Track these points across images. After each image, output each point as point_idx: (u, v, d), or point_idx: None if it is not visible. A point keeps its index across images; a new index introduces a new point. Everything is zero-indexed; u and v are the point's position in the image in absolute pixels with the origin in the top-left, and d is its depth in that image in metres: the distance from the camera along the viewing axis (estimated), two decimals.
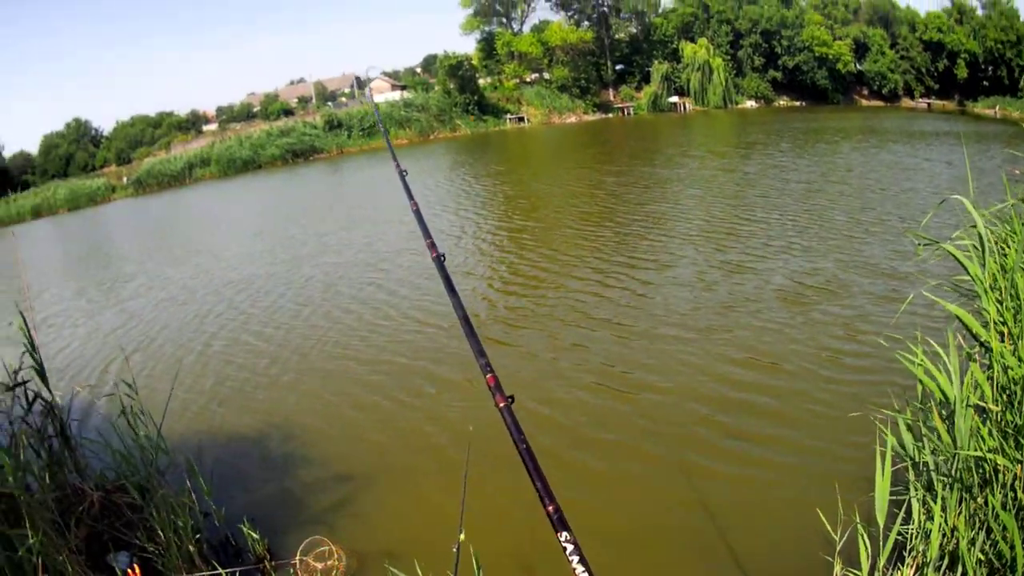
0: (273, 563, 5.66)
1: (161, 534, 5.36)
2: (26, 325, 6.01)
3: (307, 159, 51.61)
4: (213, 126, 69.17)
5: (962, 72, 64.90)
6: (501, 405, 2.17)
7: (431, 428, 7.92)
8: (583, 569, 1.75)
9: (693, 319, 10.44)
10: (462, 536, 4.23)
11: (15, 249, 28.25)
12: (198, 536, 5.62)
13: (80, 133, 68.12)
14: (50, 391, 6.07)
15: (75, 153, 65.39)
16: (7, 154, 64.10)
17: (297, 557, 5.54)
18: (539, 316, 11.38)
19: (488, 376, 2.30)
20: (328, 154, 52.81)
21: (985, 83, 65.19)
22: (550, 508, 1.89)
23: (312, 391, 9.41)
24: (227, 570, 5.21)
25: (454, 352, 9.95)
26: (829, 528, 4.37)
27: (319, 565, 5.46)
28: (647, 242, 15.86)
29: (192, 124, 69.19)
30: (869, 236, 14.58)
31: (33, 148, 66.63)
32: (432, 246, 3.18)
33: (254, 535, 5.79)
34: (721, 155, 32.09)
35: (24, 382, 5.94)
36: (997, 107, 57.00)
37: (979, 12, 67.42)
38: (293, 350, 11.12)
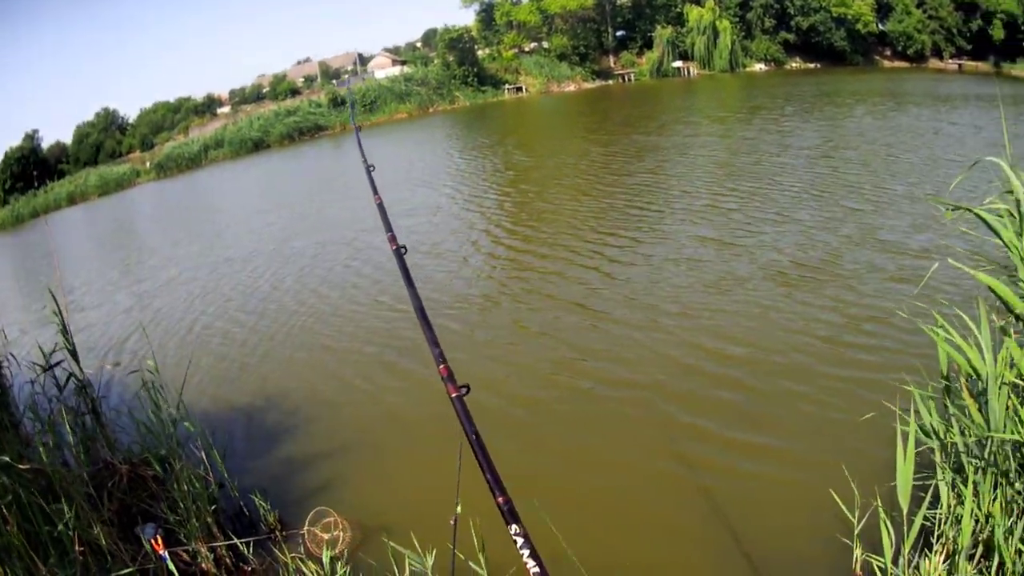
0: (284, 533, 5.71)
1: (181, 505, 5.40)
2: (59, 308, 6.11)
3: (312, 136, 51.86)
4: (226, 108, 69.78)
5: (998, 33, 60.64)
6: (453, 395, 2.12)
7: (430, 400, 7.73)
8: (534, 563, 1.78)
9: (688, 295, 10.01)
10: (459, 509, 4.16)
11: (49, 237, 29.42)
12: (215, 507, 5.70)
13: (108, 122, 69.33)
14: (81, 371, 6.19)
15: (104, 141, 66.63)
16: (45, 145, 65.29)
17: (305, 528, 5.62)
18: (511, 296, 11.06)
19: (441, 367, 2.21)
20: (332, 130, 53.03)
21: None
22: (500, 500, 1.92)
23: (317, 364, 9.45)
24: (242, 540, 5.32)
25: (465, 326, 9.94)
26: (846, 511, 4.13)
27: (325, 536, 5.50)
28: (627, 217, 15.06)
29: (207, 107, 69.81)
30: (881, 208, 13.52)
31: (68, 138, 67.77)
32: (392, 239, 3.20)
33: (265, 506, 5.87)
34: (720, 120, 30.52)
35: (58, 363, 6.10)
36: None
37: None
38: (298, 326, 11.19)
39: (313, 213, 21.34)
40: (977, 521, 3.63)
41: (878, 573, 3.84)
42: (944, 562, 3.63)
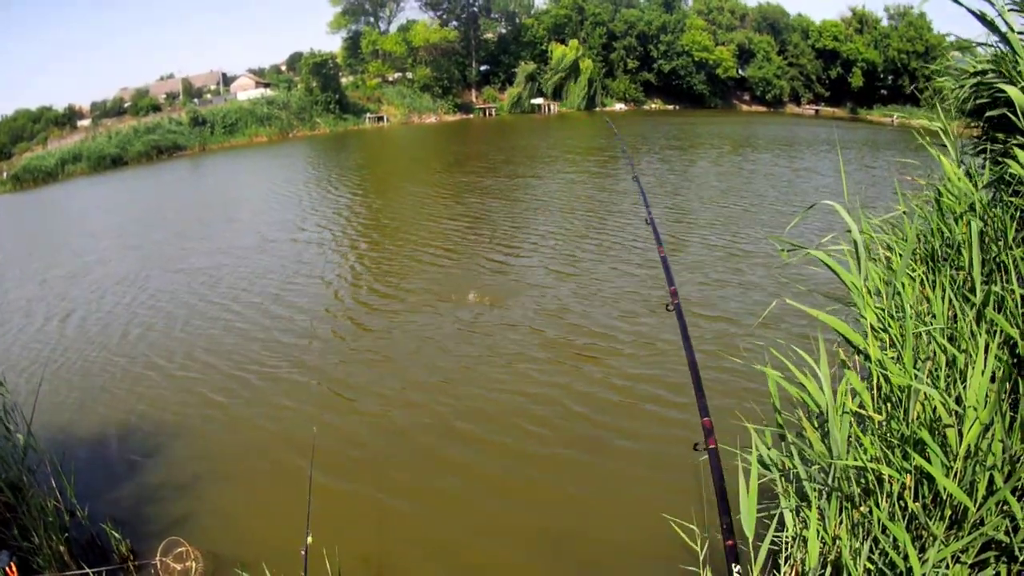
0: (136, 563, 5.35)
1: (34, 533, 5.00)
2: None
3: (171, 155, 49.35)
4: (87, 121, 65.39)
5: (857, 80, 63.88)
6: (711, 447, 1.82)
7: (284, 429, 7.65)
8: None
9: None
10: (310, 539, 3.92)
11: None
12: (67, 535, 5.29)
13: None
14: None
15: None
16: None
17: (157, 558, 5.25)
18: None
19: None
20: (191, 151, 50.65)
21: (883, 92, 64.15)
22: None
23: (165, 391, 8.96)
24: (94, 569, 4.91)
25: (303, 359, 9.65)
26: (689, 541, 4.07)
27: (177, 566, 5.20)
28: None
29: (68, 119, 65.03)
30: (721, 253, 13.65)
31: None
32: (674, 294, 2.74)
33: (116, 535, 5.46)
34: (557, 159, 30.56)
35: None
36: (895, 116, 54.71)
37: (884, 23, 66.13)
38: (149, 346, 10.65)
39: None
40: (824, 543, 3.61)
41: None
42: None
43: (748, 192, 19.01)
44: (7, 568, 4.26)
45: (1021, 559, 3.01)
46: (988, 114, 5.58)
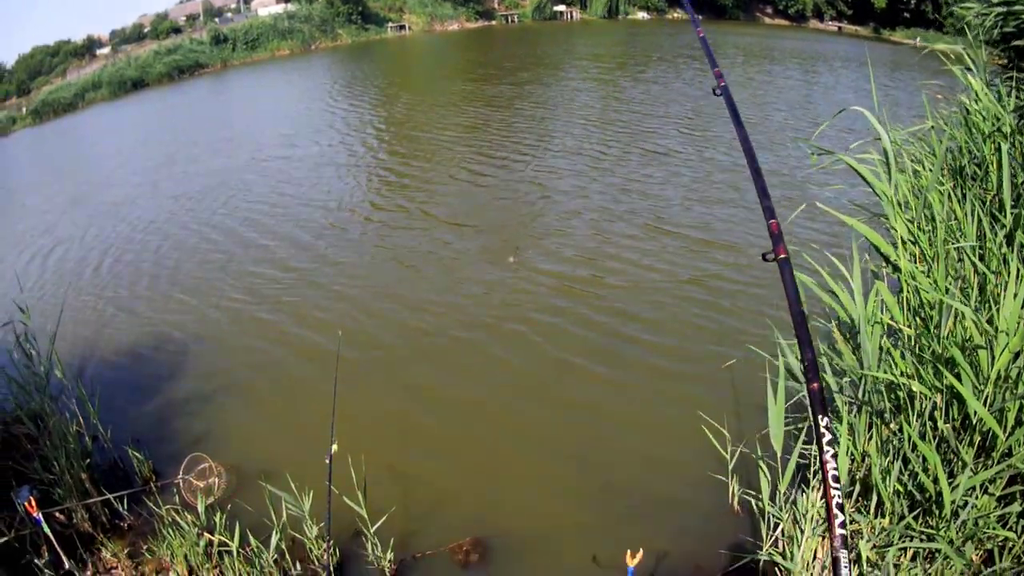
0: (158, 484, 5.13)
1: (55, 463, 4.79)
2: None
3: (192, 74, 47.45)
4: (107, 50, 63.95)
5: (880, 2, 61.68)
6: (782, 256, 1.84)
7: (305, 338, 7.32)
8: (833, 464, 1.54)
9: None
10: (334, 447, 3.77)
11: None
12: (88, 461, 5.06)
13: None
14: None
15: None
16: None
17: (180, 476, 5.07)
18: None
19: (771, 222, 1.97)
20: (213, 68, 48.87)
21: (906, 15, 61.67)
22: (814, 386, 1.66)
23: (191, 307, 8.54)
24: (116, 494, 4.76)
25: (325, 259, 9.30)
26: (720, 448, 3.91)
27: (200, 483, 4.99)
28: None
29: (87, 49, 62.09)
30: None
31: None
32: (719, 75, 2.55)
33: (139, 456, 5.25)
34: (597, 60, 28.80)
35: None
36: (918, 39, 49.68)
37: None
38: (170, 265, 10.10)
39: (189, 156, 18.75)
40: (853, 460, 3.45)
41: (755, 509, 3.63)
42: (821, 499, 3.43)
43: (767, 105, 17.97)
44: (26, 504, 4.09)
45: None
46: (1015, 43, 5.36)
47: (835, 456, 1.55)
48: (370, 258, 9.31)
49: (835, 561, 1.44)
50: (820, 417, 1.58)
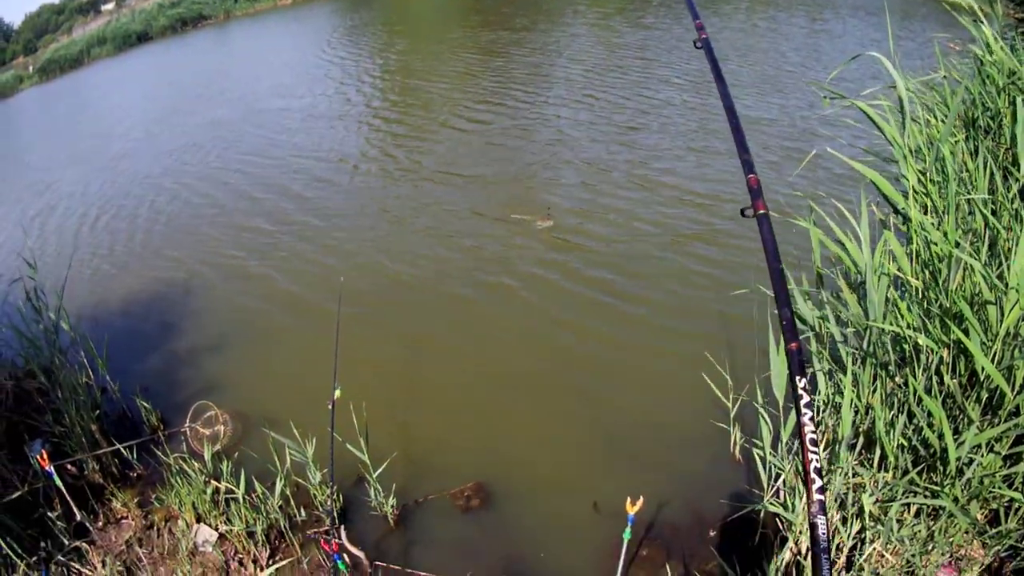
0: (166, 433, 5.17)
1: (66, 416, 4.83)
2: None
3: (195, 26, 46.59)
4: (111, 5, 64.09)
5: None
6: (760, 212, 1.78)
7: (307, 286, 7.30)
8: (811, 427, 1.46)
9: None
10: (337, 393, 3.77)
11: None
12: (98, 413, 5.10)
13: None
14: None
15: None
16: None
17: (186, 425, 5.14)
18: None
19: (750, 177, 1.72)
20: (216, 19, 47.75)
21: None
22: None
23: (186, 260, 8.52)
24: (125, 444, 4.82)
25: (329, 209, 9.24)
26: (721, 396, 3.87)
27: (207, 431, 5.05)
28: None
29: (92, 5, 61.36)
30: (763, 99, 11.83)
31: None
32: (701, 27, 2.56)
33: (146, 406, 5.31)
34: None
35: None
36: None
37: None
38: (171, 217, 10.13)
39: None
40: (857, 412, 3.40)
41: (756, 459, 3.60)
42: (824, 451, 3.40)
43: (772, 52, 17.20)
44: (39, 457, 4.13)
45: None
46: None
47: (813, 419, 1.47)
48: (365, 209, 9.20)
49: (812, 527, 1.37)
50: (798, 379, 1.50)
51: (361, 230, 8.50)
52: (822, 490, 1.41)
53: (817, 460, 1.42)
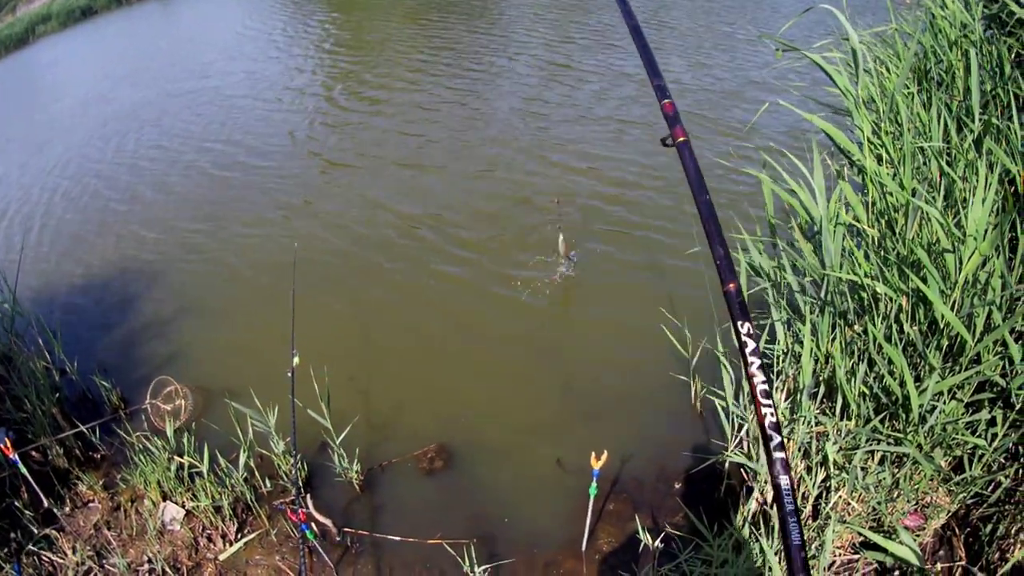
0: (127, 411, 5.06)
1: (26, 401, 4.70)
2: None
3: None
4: None
5: None
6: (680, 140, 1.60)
7: (263, 256, 7.12)
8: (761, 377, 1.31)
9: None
10: (296, 360, 3.69)
11: None
12: (58, 396, 4.96)
13: None
14: None
15: None
16: None
17: (147, 402, 4.99)
18: None
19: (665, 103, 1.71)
20: None
21: None
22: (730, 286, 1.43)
23: (137, 235, 8.18)
24: (87, 425, 4.69)
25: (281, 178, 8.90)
26: (680, 348, 3.83)
27: (167, 407, 4.90)
28: None
29: None
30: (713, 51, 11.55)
31: None
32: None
33: (106, 385, 5.15)
34: None
35: None
36: None
37: None
38: (124, 188, 9.72)
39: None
40: (817, 361, 3.37)
41: (719, 408, 3.57)
42: (786, 400, 3.37)
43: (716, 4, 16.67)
44: (3, 446, 4.01)
45: (1017, 407, 2.78)
46: None
47: (762, 368, 1.31)
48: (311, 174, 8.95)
49: (776, 488, 1.19)
50: (740, 323, 1.32)
51: (306, 189, 8.33)
52: (781, 447, 1.23)
53: (772, 414, 1.25)
